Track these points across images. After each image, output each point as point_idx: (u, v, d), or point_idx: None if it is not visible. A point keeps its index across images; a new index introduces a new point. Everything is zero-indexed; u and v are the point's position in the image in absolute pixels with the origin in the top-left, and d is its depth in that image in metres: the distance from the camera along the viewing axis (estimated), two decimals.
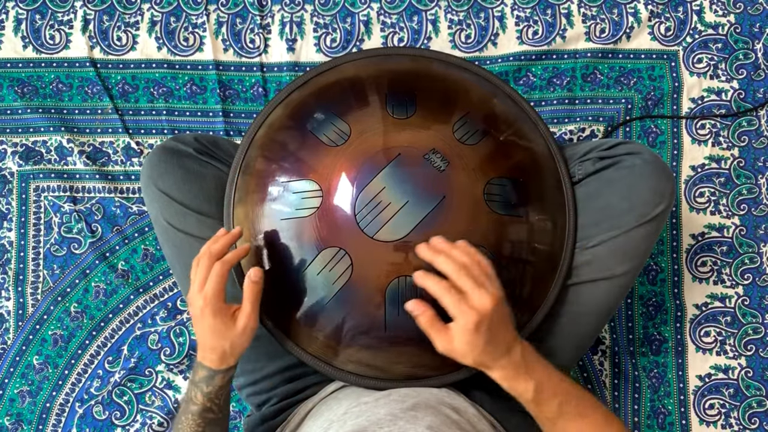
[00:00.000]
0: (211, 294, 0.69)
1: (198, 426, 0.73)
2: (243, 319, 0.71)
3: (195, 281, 0.71)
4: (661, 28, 1.12)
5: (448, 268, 0.67)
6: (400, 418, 0.69)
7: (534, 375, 0.67)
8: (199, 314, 0.70)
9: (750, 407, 1.07)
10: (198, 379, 0.73)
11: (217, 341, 0.71)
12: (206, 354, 0.72)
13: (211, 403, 0.73)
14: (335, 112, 0.79)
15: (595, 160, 0.84)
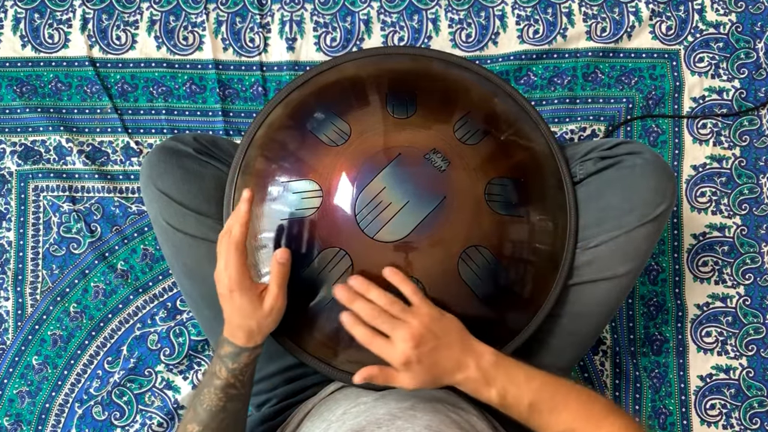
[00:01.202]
0: (234, 274, 0.70)
1: (220, 400, 0.72)
2: (270, 300, 0.71)
3: (218, 263, 0.72)
4: (662, 27, 1.11)
5: (364, 314, 0.69)
6: (398, 418, 0.68)
7: (494, 383, 0.68)
8: (227, 293, 0.71)
9: (751, 407, 1.06)
10: (223, 353, 0.73)
11: (245, 320, 0.71)
12: (233, 331, 0.72)
13: (235, 379, 0.73)
14: (335, 111, 0.79)
15: (596, 159, 0.84)
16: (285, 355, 0.83)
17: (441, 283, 0.74)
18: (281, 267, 0.72)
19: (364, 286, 0.70)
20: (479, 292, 0.75)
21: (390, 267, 0.72)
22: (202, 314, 0.85)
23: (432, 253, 0.74)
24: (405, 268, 0.73)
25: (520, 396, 0.67)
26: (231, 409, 0.73)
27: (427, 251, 0.74)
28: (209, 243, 0.81)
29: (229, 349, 0.72)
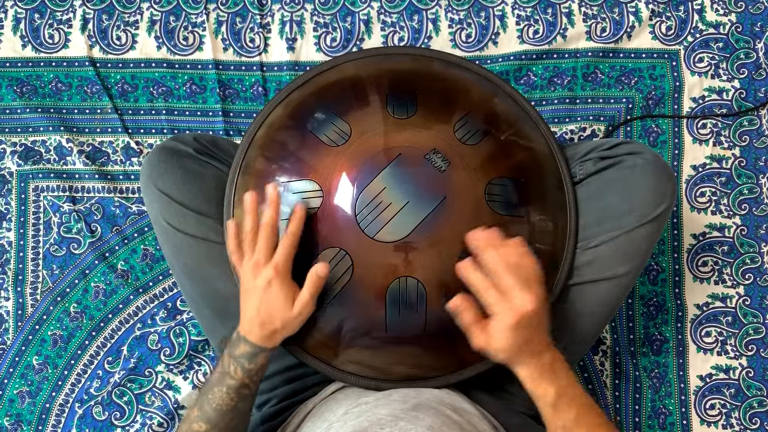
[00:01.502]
0: (283, 263, 0.70)
1: (231, 400, 0.72)
2: (299, 306, 0.71)
3: (258, 251, 0.71)
4: (662, 27, 1.11)
5: (496, 264, 0.67)
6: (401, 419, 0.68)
7: (557, 381, 0.68)
8: (264, 285, 0.70)
9: (751, 407, 1.07)
10: (239, 354, 0.72)
11: (272, 317, 0.71)
12: (254, 329, 0.71)
13: (249, 380, 0.72)
14: (335, 111, 0.79)
15: (596, 160, 0.84)
16: (285, 355, 0.83)
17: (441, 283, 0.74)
18: (318, 279, 0.71)
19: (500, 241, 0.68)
20: None
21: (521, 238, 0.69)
22: (202, 314, 0.85)
23: (432, 253, 0.74)
24: (405, 268, 0.74)
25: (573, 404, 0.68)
26: (241, 408, 0.73)
27: (427, 251, 0.74)
28: (209, 243, 0.81)
29: (246, 348, 0.72)
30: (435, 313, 0.75)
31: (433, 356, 0.78)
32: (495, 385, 0.83)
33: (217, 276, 0.81)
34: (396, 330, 0.75)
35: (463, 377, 0.79)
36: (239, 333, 0.73)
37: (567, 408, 0.68)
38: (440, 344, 0.77)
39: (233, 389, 0.72)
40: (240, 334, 0.72)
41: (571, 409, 0.68)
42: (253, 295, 0.71)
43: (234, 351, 0.72)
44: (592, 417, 0.70)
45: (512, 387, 0.83)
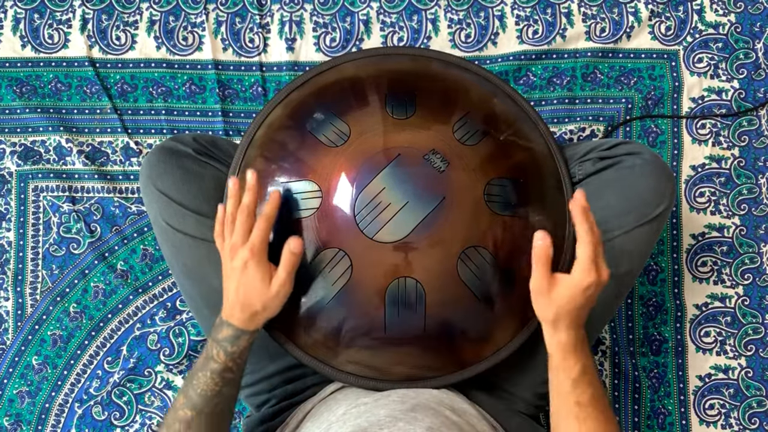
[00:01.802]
0: (258, 245, 0.70)
1: (216, 385, 0.72)
2: (277, 285, 0.71)
3: (236, 234, 0.71)
4: (661, 27, 1.11)
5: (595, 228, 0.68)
6: (400, 420, 0.68)
7: (585, 358, 0.69)
8: (241, 266, 0.70)
9: (750, 407, 1.07)
10: (222, 337, 0.72)
11: (251, 299, 0.71)
12: (235, 312, 0.71)
13: (233, 363, 0.72)
14: (335, 112, 0.79)
15: (595, 160, 0.84)
16: (284, 355, 0.83)
17: (440, 283, 0.74)
18: (293, 256, 0.71)
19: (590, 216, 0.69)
20: (478, 293, 0.75)
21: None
22: (201, 314, 0.86)
23: (431, 253, 0.74)
24: (404, 268, 0.74)
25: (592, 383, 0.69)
26: (226, 393, 0.73)
27: (426, 252, 0.74)
28: (209, 243, 0.81)
29: (228, 332, 0.72)
30: (434, 313, 0.75)
31: (432, 356, 0.78)
32: (494, 385, 0.83)
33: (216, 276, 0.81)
34: (395, 330, 0.75)
35: (462, 377, 0.79)
36: (221, 317, 0.73)
37: (586, 386, 0.69)
38: (439, 344, 0.78)
39: (217, 373, 0.72)
40: (222, 318, 0.73)
41: (589, 388, 0.69)
42: (232, 277, 0.72)
43: (217, 335, 0.72)
44: (604, 402, 0.70)
45: (512, 387, 0.84)
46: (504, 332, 0.79)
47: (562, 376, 0.69)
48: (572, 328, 0.69)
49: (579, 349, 0.69)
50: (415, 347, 0.77)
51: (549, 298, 0.68)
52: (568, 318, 0.68)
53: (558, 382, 0.70)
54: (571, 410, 0.69)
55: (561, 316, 0.68)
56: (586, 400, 0.69)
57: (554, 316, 0.68)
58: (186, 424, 0.72)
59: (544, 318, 0.70)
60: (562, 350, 0.69)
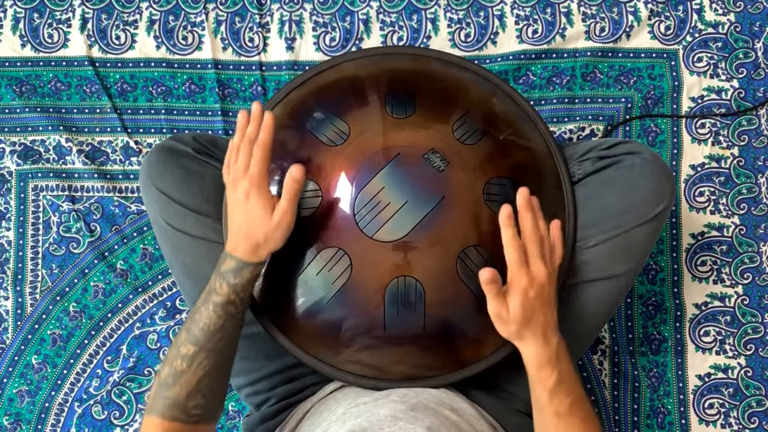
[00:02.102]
0: (257, 173, 0.70)
1: (219, 318, 0.71)
2: (278, 215, 0.70)
3: (238, 165, 0.72)
4: (661, 26, 1.11)
5: (528, 226, 0.70)
6: (400, 419, 0.69)
7: (560, 367, 0.69)
8: (243, 197, 0.70)
9: (749, 407, 1.07)
10: (225, 269, 0.71)
11: (254, 229, 0.70)
12: (239, 243, 0.71)
13: (235, 296, 0.71)
14: (334, 111, 0.79)
15: (594, 159, 0.84)
16: (284, 354, 0.83)
17: (440, 282, 0.75)
18: (295, 183, 0.71)
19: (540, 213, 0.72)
20: (478, 292, 0.75)
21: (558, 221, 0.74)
22: None
23: (431, 252, 0.74)
24: (404, 267, 0.74)
25: (570, 392, 0.70)
26: (228, 327, 0.72)
27: (426, 251, 0.74)
28: (209, 242, 0.81)
29: (231, 263, 0.71)
30: (434, 312, 0.75)
31: (431, 356, 0.78)
32: (493, 384, 0.83)
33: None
34: (395, 329, 0.75)
35: (461, 377, 0.79)
36: (225, 251, 0.72)
37: (564, 396, 0.69)
38: (439, 344, 0.78)
39: (219, 306, 0.71)
40: (226, 251, 0.72)
41: (567, 397, 0.69)
42: (234, 208, 0.72)
43: (220, 268, 0.72)
44: (585, 409, 0.70)
45: (511, 386, 0.84)
46: None
47: (538, 388, 0.70)
48: (540, 337, 0.69)
49: (554, 358, 0.69)
50: (414, 346, 0.77)
51: (504, 316, 0.69)
52: (529, 328, 0.69)
53: (536, 395, 0.71)
54: (551, 422, 0.70)
55: (521, 329, 0.69)
56: (565, 409, 0.69)
57: (516, 332, 0.69)
58: (188, 360, 0.70)
59: (509, 336, 0.70)
60: (537, 362, 0.69)
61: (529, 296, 0.68)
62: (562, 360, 0.70)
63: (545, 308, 0.69)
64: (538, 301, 0.69)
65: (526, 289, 0.68)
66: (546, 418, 0.70)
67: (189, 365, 0.70)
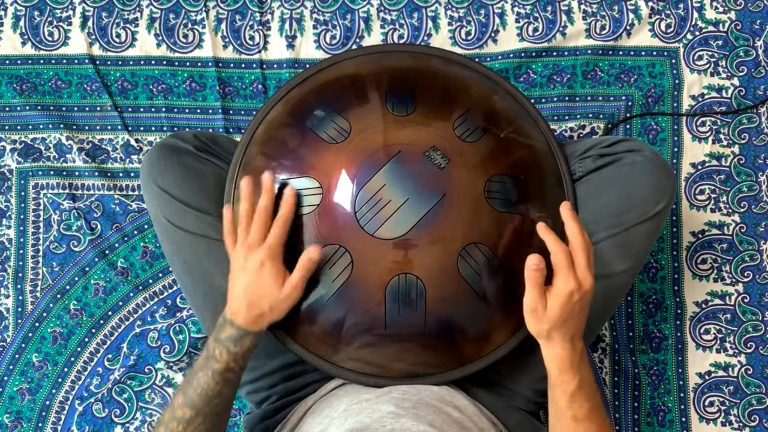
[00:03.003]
0: (275, 245, 0.71)
1: (217, 384, 0.72)
2: (289, 288, 0.71)
3: (254, 234, 0.72)
4: (661, 25, 1.11)
5: (577, 237, 0.69)
6: (402, 416, 0.69)
7: (582, 372, 0.69)
8: (257, 266, 0.71)
9: (750, 405, 1.07)
10: (225, 337, 0.72)
11: (261, 299, 0.71)
12: (241, 311, 0.71)
13: (235, 363, 0.72)
14: (335, 109, 0.79)
15: (595, 157, 0.84)
16: (285, 352, 0.83)
17: (441, 280, 0.75)
18: (310, 263, 0.72)
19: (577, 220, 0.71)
20: (479, 290, 0.75)
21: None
22: (202, 311, 0.86)
23: (432, 250, 0.74)
24: (405, 265, 0.74)
25: (589, 397, 0.70)
26: (226, 393, 0.73)
27: (426, 248, 0.74)
28: (209, 240, 0.81)
29: (231, 331, 0.71)
30: (435, 310, 0.75)
31: (432, 353, 0.79)
32: (494, 382, 0.83)
33: (217, 273, 0.81)
34: (396, 327, 0.75)
35: (462, 374, 0.79)
36: (225, 316, 0.72)
37: (583, 401, 0.69)
38: (440, 341, 0.78)
39: (218, 373, 0.71)
40: (226, 317, 0.72)
41: (586, 403, 0.69)
42: (243, 275, 0.72)
43: (219, 335, 0.72)
44: (602, 416, 0.70)
45: (512, 384, 0.84)
46: (504, 329, 0.79)
47: (558, 391, 0.70)
48: (567, 341, 0.69)
49: (577, 362, 0.69)
50: (415, 344, 0.77)
51: (541, 315, 0.69)
52: (561, 331, 0.68)
53: (555, 398, 0.70)
54: (568, 426, 0.70)
55: (553, 330, 0.69)
56: (583, 414, 0.69)
57: (547, 331, 0.69)
58: (184, 423, 0.71)
59: (539, 334, 0.70)
60: (560, 364, 0.69)
61: (573, 300, 0.67)
62: (584, 365, 0.70)
63: (581, 316, 0.69)
64: (578, 307, 0.68)
65: (572, 293, 0.67)
66: (563, 422, 0.70)
67: (185, 429, 0.71)
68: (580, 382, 0.69)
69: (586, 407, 0.69)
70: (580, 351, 0.70)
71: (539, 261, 0.67)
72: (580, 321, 0.70)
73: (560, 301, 0.67)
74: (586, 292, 0.68)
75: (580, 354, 0.70)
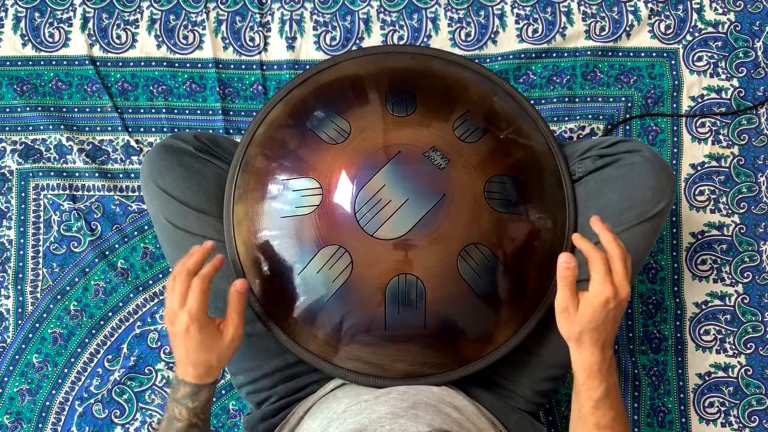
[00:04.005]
0: (195, 309, 0.69)
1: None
2: (231, 330, 0.71)
3: (174, 298, 0.70)
4: (661, 26, 1.11)
5: (613, 245, 0.68)
6: (400, 417, 0.69)
7: (609, 380, 0.69)
8: (182, 332, 0.70)
9: (750, 405, 1.07)
10: (181, 396, 0.72)
11: (204, 356, 0.70)
12: (189, 370, 0.71)
13: (197, 418, 0.72)
14: (335, 109, 0.79)
15: (594, 158, 0.84)
16: (285, 352, 0.83)
17: (441, 280, 0.75)
18: (240, 296, 0.71)
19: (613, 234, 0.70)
20: (479, 290, 0.75)
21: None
22: None
23: (431, 250, 0.74)
24: (405, 265, 0.74)
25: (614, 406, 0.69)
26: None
27: (426, 249, 0.74)
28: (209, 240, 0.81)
29: (185, 389, 0.71)
30: (434, 310, 0.75)
31: (432, 353, 0.79)
32: (494, 382, 0.84)
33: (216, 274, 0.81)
34: (395, 327, 0.76)
35: (462, 374, 0.79)
36: (177, 376, 0.72)
37: (608, 409, 0.69)
38: (440, 341, 0.78)
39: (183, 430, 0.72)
40: (178, 377, 0.72)
41: (611, 411, 0.69)
42: (179, 341, 0.71)
43: (176, 395, 0.72)
44: (624, 424, 0.70)
45: (511, 384, 0.84)
46: (504, 329, 0.79)
47: (584, 396, 0.69)
48: (597, 347, 0.68)
49: (605, 369, 0.69)
50: (415, 344, 0.77)
51: (573, 317, 0.68)
52: (592, 335, 0.68)
53: (580, 403, 0.70)
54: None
55: (584, 334, 0.68)
56: (607, 422, 0.69)
57: (578, 334, 0.68)
58: None
59: (569, 336, 0.69)
60: (587, 369, 0.69)
61: (608, 308, 0.66)
62: (612, 373, 0.70)
63: (614, 324, 0.69)
64: (612, 315, 0.67)
65: (608, 300, 0.66)
66: (586, 428, 0.70)
67: None
68: (606, 390, 0.68)
69: (610, 415, 0.69)
70: (609, 358, 0.69)
71: (570, 259, 0.67)
72: (613, 329, 0.69)
73: (594, 306, 0.67)
74: (622, 300, 0.67)
75: (609, 361, 0.69)
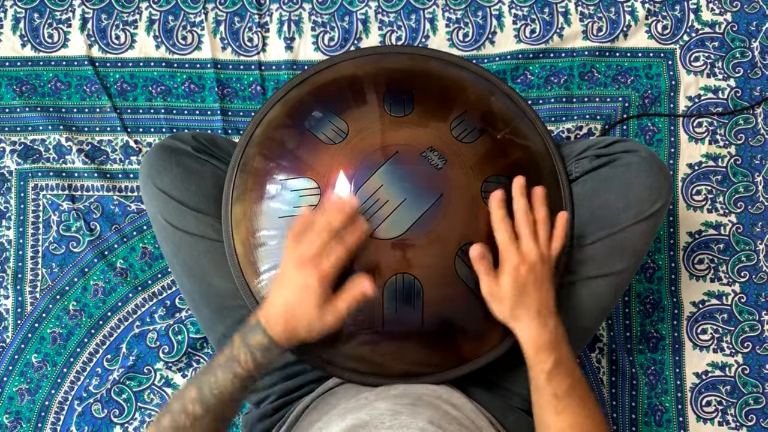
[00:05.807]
0: (330, 271, 0.66)
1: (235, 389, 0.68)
2: (331, 316, 0.68)
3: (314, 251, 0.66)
4: (658, 26, 1.12)
5: (520, 209, 0.71)
6: (401, 413, 0.69)
7: (558, 349, 0.70)
8: (303, 283, 0.66)
9: (747, 404, 1.07)
10: (255, 343, 0.67)
11: (300, 315, 0.67)
12: (278, 321, 0.67)
13: (257, 373, 0.69)
14: (333, 110, 0.79)
15: (592, 158, 0.85)
16: None
17: (438, 280, 0.75)
18: (361, 296, 0.68)
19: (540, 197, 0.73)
20: (476, 290, 0.76)
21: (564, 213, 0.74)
22: (200, 312, 0.86)
23: (429, 250, 0.74)
24: (402, 265, 0.74)
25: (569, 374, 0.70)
26: (238, 398, 0.71)
27: (424, 249, 0.74)
28: (208, 241, 0.81)
29: (263, 341, 0.67)
30: (432, 309, 0.75)
31: (430, 353, 0.79)
32: (492, 381, 0.84)
33: (215, 273, 0.81)
34: (393, 327, 0.76)
35: (460, 373, 0.79)
36: (259, 321, 0.68)
37: (562, 378, 0.70)
38: (438, 341, 0.78)
39: (240, 379, 0.68)
40: (261, 323, 0.68)
41: (566, 380, 0.70)
42: (286, 290, 0.68)
43: (249, 339, 0.68)
44: (584, 390, 0.71)
45: (509, 384, 0.84)
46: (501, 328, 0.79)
47: (536, 370, 0.71)
48: (535, 318, 0.70)
49: (552, 341, 0.70)
50: (413, 343, 0.78)
51: (496, 295, 0.70)
52: (522, 307, 0.70)
53: (534, 377, 0.71)
54: (549, 402, 0.70)
55: (515, 309, 0.70)
56: (563, 391, 0.70)
57: (510, 311, 0.70)
58: (192, 419, 0.68)
59: (504, 317, 0.71)
60: (534, 345, 0.70)
61: (521, 273, 0.69)
62: (561, 344, 0.71)
63: (539, 287, 0.70)
64: (530, 278, 0.70)
65: (518, 266, 0.69)
66: (544, 398, 0.71)
67: (192, 424, 0.68)
68: (557, 360, 0.69)
69: (565, 384, 0.70)
70: (552, 329, 0.70)
71: (480, 249, 0.70)
72: (541, 294, 0.71)
73: (510, 276, 0.69)
74: (533, 264, 0.70)
75: (554, 332, 0.70)
